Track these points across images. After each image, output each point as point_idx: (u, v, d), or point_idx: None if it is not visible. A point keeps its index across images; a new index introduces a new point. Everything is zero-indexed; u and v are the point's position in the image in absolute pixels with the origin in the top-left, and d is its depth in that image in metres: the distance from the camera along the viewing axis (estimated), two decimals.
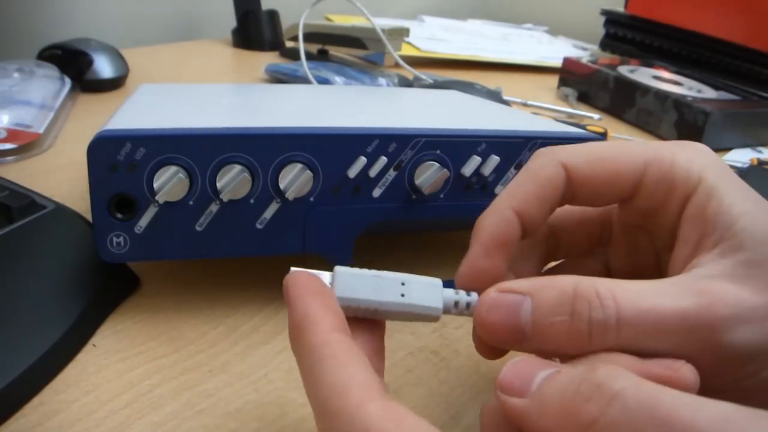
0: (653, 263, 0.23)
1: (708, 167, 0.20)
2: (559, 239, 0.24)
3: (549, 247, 0.24)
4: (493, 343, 0.19)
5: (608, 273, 0.24)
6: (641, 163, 0.20)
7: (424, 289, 0.20)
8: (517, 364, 0.17)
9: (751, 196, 0.19)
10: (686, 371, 0.16)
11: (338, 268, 0.19)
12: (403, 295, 0.19)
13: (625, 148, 0.21)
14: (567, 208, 0.23)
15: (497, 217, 0.20)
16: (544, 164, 0.21)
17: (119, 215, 0.26)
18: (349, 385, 0.15)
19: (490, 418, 0.18)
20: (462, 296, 0.20)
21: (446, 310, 0.20)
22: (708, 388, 0.16)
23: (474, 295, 0.20)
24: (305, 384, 0.17)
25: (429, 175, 0.28)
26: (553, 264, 0.26)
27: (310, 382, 0.16)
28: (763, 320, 0.16)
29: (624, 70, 0.73)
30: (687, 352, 0.17)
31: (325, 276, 0.19)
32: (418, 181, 0.28)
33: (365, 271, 0.19)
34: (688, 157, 0.20)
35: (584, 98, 0.75)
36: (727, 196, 0.19)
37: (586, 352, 0.17)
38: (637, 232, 0.23)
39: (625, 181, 0.20)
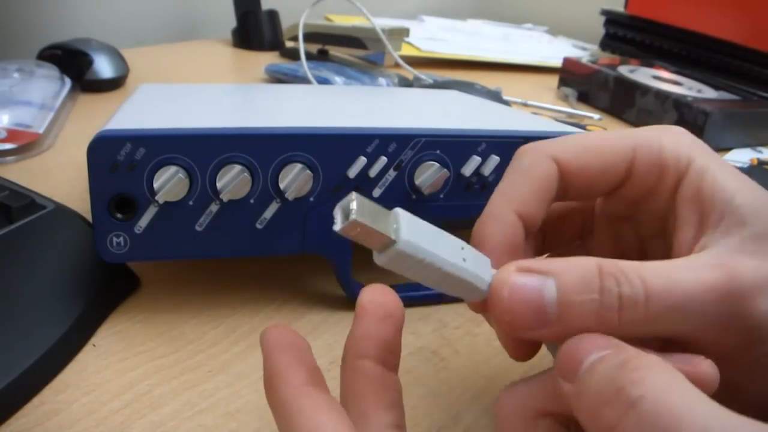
0: (637, 253, 0.22)
1: (694, 148, 0.20)
2: (545, 235, 0.24)
3: (537, 243, 0.24)
4: (513, 329, 0.17)
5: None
6: (630, 150, 0.20)
7: (479, 260, 0.18)
8: (570, 345, 0.16)
9: (736, 172, 0.19)
10: (705, 366, 0.16)
11: (399, 210, 0.17)
12: (464, 260, 0.17)
13: (612, 136, 0.21)
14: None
15: (501, 223, 0.19)
16: (535, 161, 0.20)
17: (119, 215, 0.26)
18: None
19: (508, 405, 0.18)
20: None
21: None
22: (735, 367, 0.16)
23: None
24: None
25: (429, 175, 0.28)
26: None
27: None
28: None
29: (624, 70, 0.73)
30: (715, 327, 0.16)
31: (385, 213, 0.17)
32: (418, 181, 0.28)
33: (426, 222, 0.17)
34: (674, 139, 0.20)
35: (584, 98, 0.75)
36: (719, 173, 0.19)
37: (615, 334, 0.16)
38: (621, 223, 0.23)
39: (616, 169, 0.20)
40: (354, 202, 0.15)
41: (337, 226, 0.16)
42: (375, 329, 0.18)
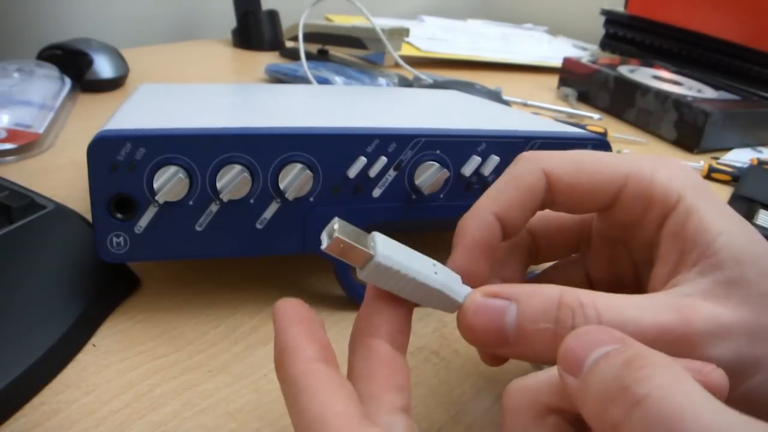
0: (632, 274, 0.23)
1: (688, 186, 0.20)
2: (539, 245, 0.25)
3: (530, 253, 0.25)
4: (476, 345, 0.19)
5: (590, 282, 0.25)
6: (622, 177, 0.20)
7: (451, 276, 0.19)
8: (574, 338, 0.16)
9: (729, 214, 0.19)
10: (716, 376, 0.16)
11: (377, 233, 0.19)
12: (436, 273, 0.19)
13: (607, 159, 0.21)
14: (546, 214, 0.23)
15: (480, 222, 0.20)
16: (525, 171, 0.21)
17: (119, 215, 0.26)
18: (326, 415, 0.15)
19: (516, 400, 0.18)
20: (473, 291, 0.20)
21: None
22: None
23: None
24: (290, 415, 0.17)
25: (429, 175, 0.28)
26: (536, 270, 0.26)
27: (293, 414, 0.16)
28: (740, 336, 0.17)
29: (624, 70, 0.73)
30: None
31: (364, 234, 0.19)
32: (418, 181, 0.28)
33: (400, 244, 0.19)
34: (669, 174, 0.20)
35: (584, 98, 0.75)
36: (707, 214, 0.19)
37: None
38: (616, 244, 0.23)
39: (604, 192, 0.21)
40: (336, 223, 0.18)
41: (324, 245, 0.18)
42: (387, 308, 0.19)
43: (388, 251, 0.18)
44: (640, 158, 0.21)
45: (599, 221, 0.23)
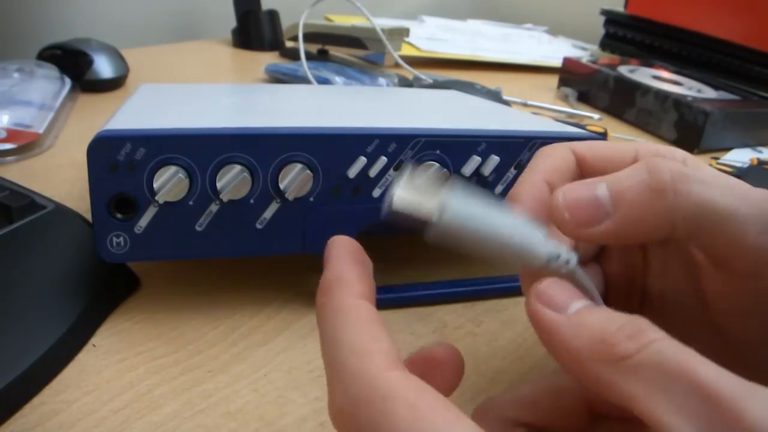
0: (640, 264, 0.23)
1: (688, 155, 0.22)
2: None
3: None
4: (575, 226, 0.18)
5: (605, 282, 0.25)
6: (633, 149, 0.22)
7: (533, 229, 0.18)
8: (558, 283, 0.17)
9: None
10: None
11: (452, 182, 0.18)
12: (516, 227, 0.17)
13: (616, 143, 0.23)
14: None
15: (531, 186, 0.21)
16: (555, 148, 0.22)
17: (119, 215, 0.26)
18: (371, 350, 0.15)
19: (485, 415, 0.18)
20: (564, 250, 0.18)
21: (549, 257, 0.17)
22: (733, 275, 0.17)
23: (573, 254, 0.18)
24: (324, 344, 0.16)
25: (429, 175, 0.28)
26: None
27: (331, 342, 0.15)
28: None
29: (624, 70, 0.73)
30: (756, 225, 0.17)
31: (438, 188, 0.17)
32: None
33: (477, 194, 0.17)
34: (668, 147, 0.23)
35: (584, 98, 0.75)
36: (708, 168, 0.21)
37: (668, 216, 0.17)
38: None
39: (623, 157, 0.22)
40: (405, 176, 0.16)
41: (392, 200, 0.16)
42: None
43: (463, 204, 0.16)
44: (641, 143, 0.23)
45: None
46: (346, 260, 0.17)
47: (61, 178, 0.41)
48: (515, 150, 0.30)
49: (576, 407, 0.18)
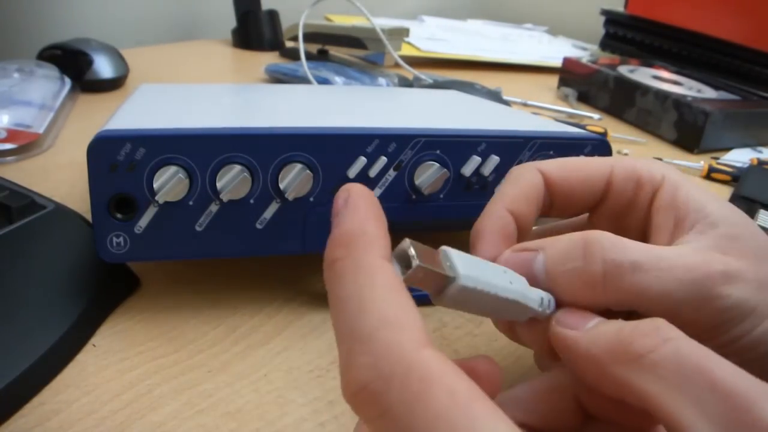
0: None
1: (666, 168, 0.22)
2: None
3: None
4: None
5: None
6: (608, 167, 0.22)
7: (521, 281, 0.18)
8: (572, 310, 0.18)
9: (704, 190, 0.21)
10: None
11: (446, 248, 0.16)
12: (511, 283, 0.17)
13: (592, 158, 0.23)
14: (542, 229, 0.24)
15: (495, 218, 0.21)
16: (523, 170, 0.22)
17: (119, 215, 0.26)
18: (405, 321, 0.13)
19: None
20: (545, 294, 0.18)
21: (539, 304, 0.18)
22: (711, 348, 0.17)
23: (552, 296, 0.19)
24: (341, 306, 0.14)
25: (429, 175, 0.28)
26: None
27: (352, 305, 0.13)
28: (750, 281, 0.18)
29: (624, 70, 0.73)
30: (690, 305, 0.18)
31: (437, 254, 0.16)
32: (418, 182, 0.28)
33: (469, 254, 0.17)
34: (647, 162, 0.22)
35: (584, 98, 0.75)
36: (691, 187, 0.21)
37: (600, 302, 0.18)
38: None
39: (595, 181, 0.22)
40: (411, 248, 0.15)
41: (400, 276, 0.15)
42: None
43: (469, 270, 0.16)
44: (619, 156, 0.22)
45: (590, 224, 0.24)
46: (367, 211, 0.15)
47: (61, 178, 0.41)
48: (515, 150, 0.30)
49: (570, 408, 0.18)
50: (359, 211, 0.15)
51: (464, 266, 0.16)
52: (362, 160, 0.27)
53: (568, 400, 0.18)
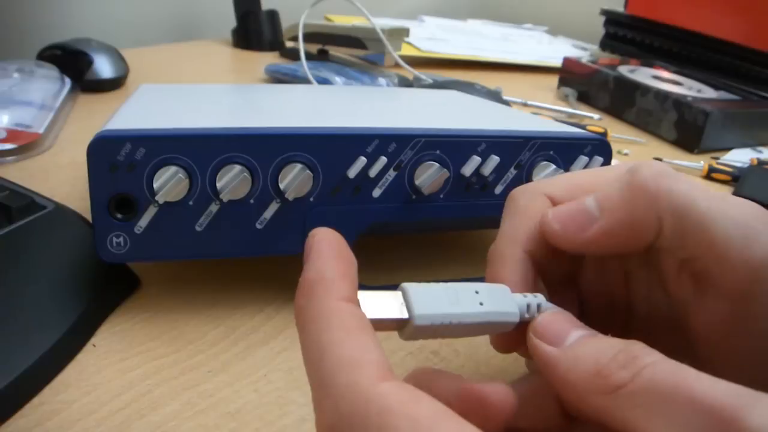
0: (621, 285, 0.22)
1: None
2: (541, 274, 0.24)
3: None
4: (566, 237, 0.19)
5: (581, 309, 0.23)
6: (612, 176, 0.21)
7: (496, 296, 0.18)
8: (553, 315, 0.17)
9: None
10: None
11: (405, 285, 0.17)
12: (481, 304, 0.17)
13: (598, 171, 0.22)
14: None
15: (512, 263, 0.20)
16: (530, 200, 0.21)
17: (119, 215, 0.26)
18: (360, 360, 0.14)
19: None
20: (530, 298, 0.18)
21: (521, 315, 0.18)
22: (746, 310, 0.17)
23: (540, 296, 0.19)
24: (306, 353, 0.15)
25: (429, 175, 0.28)
26: None
27: (314, 352, 0.14)
28: None
29: (624, 70, 0.73)
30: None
31: (392, 295, 0.17)
32: (418, 182, 0.28)
33: (433, 284, 0.17)
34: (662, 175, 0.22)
35: (584, 98, 0.75)
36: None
37: (654, 214, 0.17)
38: (609, 259, 0.22)
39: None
40: (363, 300, 0.16)
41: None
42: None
43: (423, 307, 0.16)
44: (625, 163, 0.22)
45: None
46: (327, 256, 0.16)
47: (61, 178, 0.41)
48: (515, 150, 0.30)
49: (557, 410, 0.18)
50: (320, 257, 0.16)
51: (420, 304, 0.16)
52: (362, 160, 0.27)
53: (554, 402, 0.18)
